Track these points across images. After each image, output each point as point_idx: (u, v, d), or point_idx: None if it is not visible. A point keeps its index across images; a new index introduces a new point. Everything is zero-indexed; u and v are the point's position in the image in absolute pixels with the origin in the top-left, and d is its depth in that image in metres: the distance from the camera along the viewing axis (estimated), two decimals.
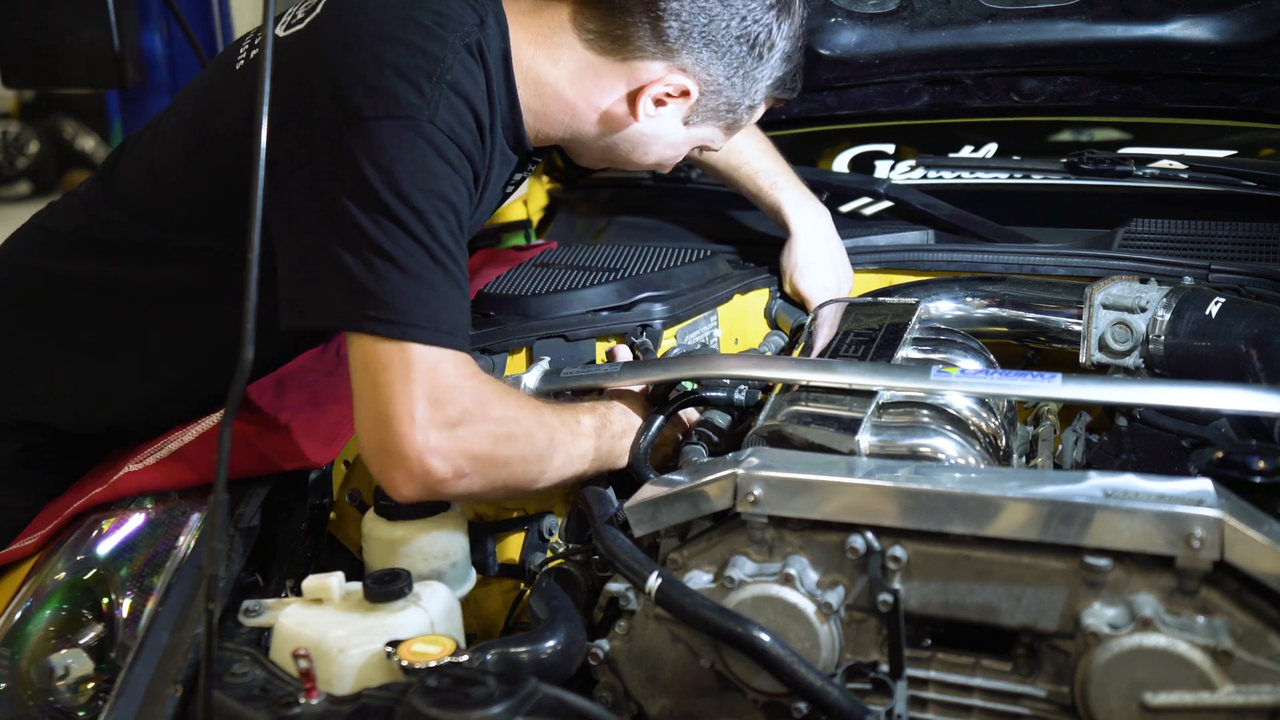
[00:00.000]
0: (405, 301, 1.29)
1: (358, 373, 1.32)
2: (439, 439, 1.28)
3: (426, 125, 1.35)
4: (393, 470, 1.29)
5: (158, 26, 3.57)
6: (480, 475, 1.33)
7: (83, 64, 3.00)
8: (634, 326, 1.77)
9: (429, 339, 1.29)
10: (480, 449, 1.32)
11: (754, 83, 1.60)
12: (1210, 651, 1.05)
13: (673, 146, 1.67)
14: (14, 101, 9.40)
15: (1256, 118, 2.15)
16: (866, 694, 1.18)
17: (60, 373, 1.64)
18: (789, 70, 1.64)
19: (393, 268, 1.30)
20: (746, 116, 1.66)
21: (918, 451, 1.34)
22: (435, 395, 1.28)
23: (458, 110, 1.40)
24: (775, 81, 1.63)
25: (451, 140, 1.38)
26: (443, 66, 1.39)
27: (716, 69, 1.55)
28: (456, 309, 1.34)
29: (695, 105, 1.59)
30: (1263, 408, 1.30)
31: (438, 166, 1.36)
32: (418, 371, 1.28)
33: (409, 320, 1.29)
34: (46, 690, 1.32)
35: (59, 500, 1.57)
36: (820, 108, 2.38)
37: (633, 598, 1.26)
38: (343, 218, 1.31)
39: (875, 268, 2.01)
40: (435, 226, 1.33)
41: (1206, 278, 1.74)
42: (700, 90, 1.57)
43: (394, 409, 1.27)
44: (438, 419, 1.28)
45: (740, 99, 1.61)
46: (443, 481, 1.29)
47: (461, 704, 1.00)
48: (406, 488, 1.30)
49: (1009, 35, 2.15)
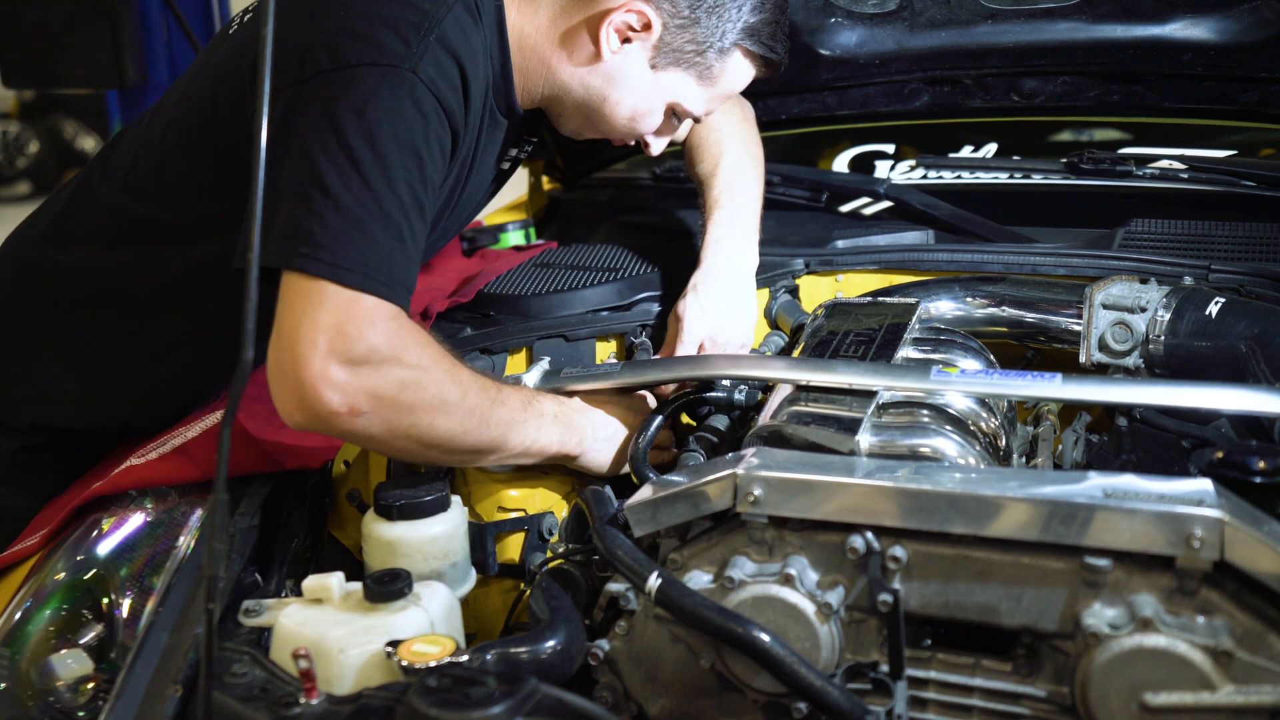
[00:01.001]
0: (338, 242, 1.29)
1: (280, 306, 1.31)
2: (337, 372, 1.26)
3: (407, 74, 1.36)
4: (285, 394, 1.28)
5: (158, 26, 3.57)
6: (379, 418, 1.30)
7: (83, 64, 3.00)
8: (634, 326, 1.77)
9: (351, 280, 1.28)
10: (382, 390, 1.29)
11: (721, 21, 1.57)
12: (1210, 652, 1.05)
13: (644, 96, 1.62)
14: (14, 101, 9.41)
15: (1256, 118, 2.14)
16: (866, 694, 1.18)
17: (60, 369, 1.64)
18: (763, 20, 1.61)
19: (334, 209, 1.30)
20: (718, 64, 1.61)
21: (918, 451, 1.34)
22: (344, 329, 1.27)
23: (442, 65, 1.40)
24: (747, 27, 1.60)
25: (431, 93, 1.38)
26: (432, 20, 1.40)
27: (680, 2, 1.54)
28: (392, 258, 1.32)
29: (660, 43, 1.57)
30: (1263, 408, 1.30)
31: (411, 116, 1.36)
32: (330, 303, 1.27)
33: (337, 261, 1.28)
34: (46, 690, 1.32)
35: (60, 498, 1.57)
36: (820, 108, 2.38)
37: (633, 598, 1.26)
38: (304, 158, 1.32)
39: (875, 268, 2.01)
40: (394, 175, 1.33)
41: (1206, 278, 1.74)
42: (663, 24, 1.55)
43: (298, 335, 1.27)
44: (340, 352, 1.27)
45: (707, 39, 1.58)
46: (335, 414, 1.28)
47: (461, 704, 1.00)
48: (298, 414, 1.29)
49: (1009, 35, 2.14)
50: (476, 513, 1.56)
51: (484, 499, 1.57)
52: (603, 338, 1.77)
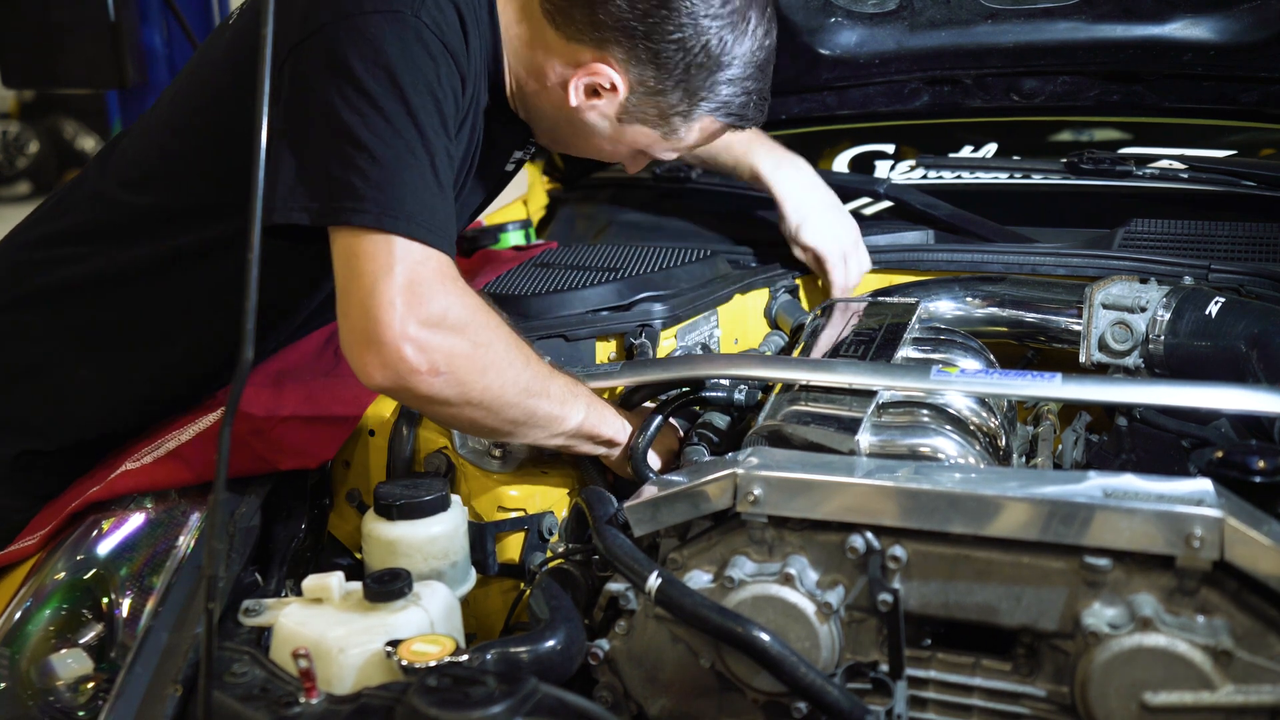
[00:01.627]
0: (381, 191, 1.29)
1: (340, 265, 1.31)
2: (417, 331, 1.28)
3: (412, 19, 1.36)
4: (368, 355, 1.29)
5: (158, 26, 3.57)
6: (455, 378, 1.31)
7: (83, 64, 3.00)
8: (634, 326, 1.77)
9: (409, 231, 1.30)
10: (459, 348, 1.31)
11: (689, 96, 1.53)
12: (1210, 651, 1.05)
13: (608, 142, 1.62)
14: (14, 101, 9.41)
15: (1256, 118, 2.14)
16: (866, 694, 1.18)
17: (62, 367, 1.63)
18: (735, 94, 1.55)
19: (370, 159, 1.30)
20: (684, 131, 1.59)
21: (918, 451, 1.34)
22: (417, 289, 1.29)
23: (444, 9, 1.40)
24: (717, 103, 1.55)
25: (437, 36, 1.38)
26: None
27: (647, 71, 1.50)
28: (433, 204, 1.33)
29: (624, 104, 1.54)
30: (1263, 408, 1.30)
31: (423, 60, 1.36)
32: (400, 264, 1.29)
33: (384, 210, 1.29)
34: (46, 690, 1.32)
35: (57, 500, 1.57)
36: (820, 108, 2.38)
37: (633, 598, 1.26)
38: (326, 112, 1.32)
39: (875, 268, 2.01)
40: (419, 118, 1.34)
41: (1206, 278, 1.74)
42: (629, 89, 1.52)
43: (375, 298, 1.27)
44: (419, 313, 1.28)
45: (674, 109, 1.55)
46: (416, 373, 1.28)
47: (461, 704, 1.00)
48: (380, 374, 1.29)
49: (1009, 35, 2.14)
50: (476, 512, 1.56)
51: (484, 499, 1.57)
52: (603, 338, 1.77)
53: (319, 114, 1.33)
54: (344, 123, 1.31)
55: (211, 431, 1.51)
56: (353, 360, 1.31)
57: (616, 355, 1.78)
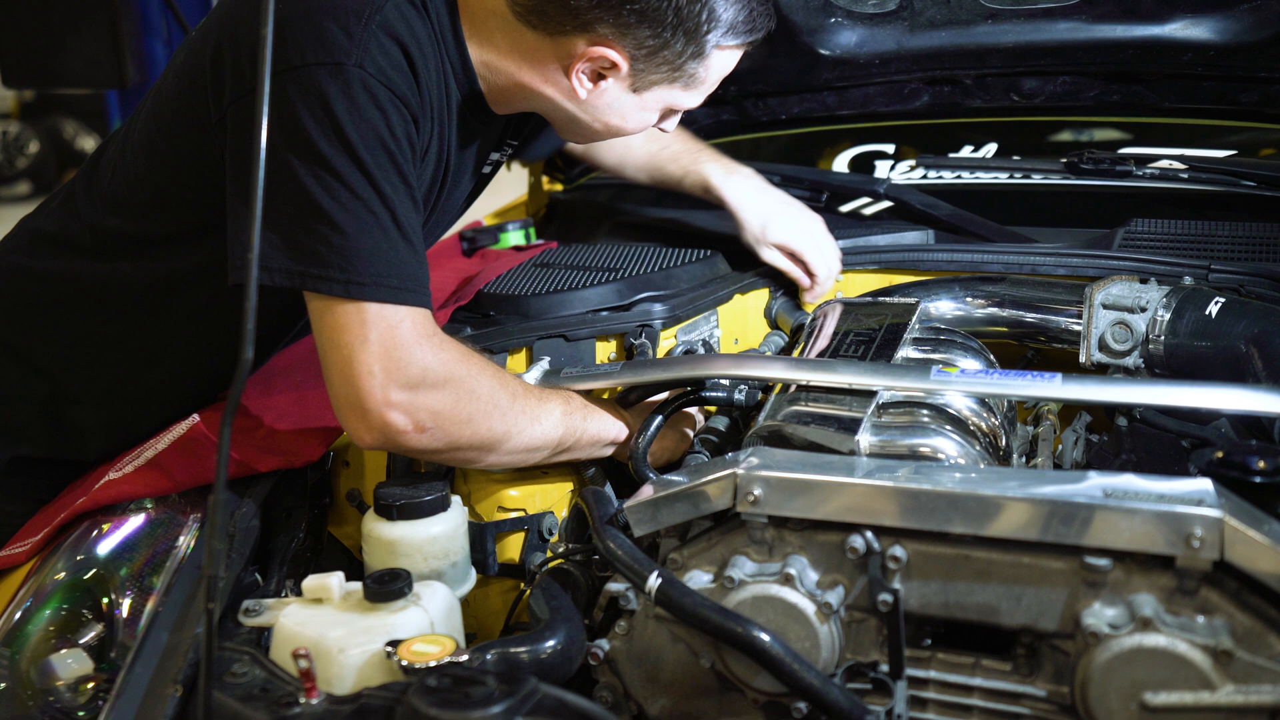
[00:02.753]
0: (349, 260, 1.30)
1: (317, 330, 1.34)
2: (400, 396, 1.31)
3: (355, 70, 1.33)
4: (355, 421, 1.34)
5: (158, 26, 3.57)
6: (443, 431, 1.35)
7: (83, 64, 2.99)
8: (634, 326, 1.77)
9: (378, 296, 1.31)
10: (442, 406, 1.34)
11: (696, 34, 1.46)
12: (1210, 651, 1.05)
13: (634, 116, 1.58)
14: (14, 101, 9.42)
15: (1256, 118, 2.15)
16: (866, 694, 1.18)
17: (51, 380, 1.62)
18: (739, 11, 1.48)
19: (331, 227, 1.30)
20: (702, 70, 1.52)
21: (918, 451, 1.34)
22: (394, 354, 1.31)
23: (388, 51, 1.37)
24: (723, 27, 1.48)
25: (383, 84, 1.35)
26: (373, 6, 1.37)
27: (641, 32, 1.43)
28: (400, 260, 1.33)
29: (634, 73, 1.49)
30: (1263, 408, 1.30)
31: (370, 112, 1.34)
32: (374, 330, 1.31)
33: (355, 279, 1.30)
34: (46, 690, 1.32)
35: (46, 509, 1.57)
36: (820, 108, 2.38)
37: (633, 598, 1.26)
38: (283, 173, 1.31)
39: (875, 268, 2.01)
40: (373, 174, 1.33)
41: (1206, 278, 1.74)
42: (630, 59, 1.47)
43: (355, 368, 1.31)
44: (398, 378, 1.31)
45: (683, 56, 1.48)
46: (403, 434, 1.34)
47: (461, 704, 1.00)
48: (369, 437, 1.35)
49: (1009, 35, 2.14)
50: (476, 513, 1.56)
51: (484, 499, 1.57)
52: (603, 338, 1.77)
53: (274, 174, 1.31)
54: (302, 187, 1.31)
55: (187, 438, 1.50)
56: (342, 422, 1.36)
57: (616, 355, 1.78)
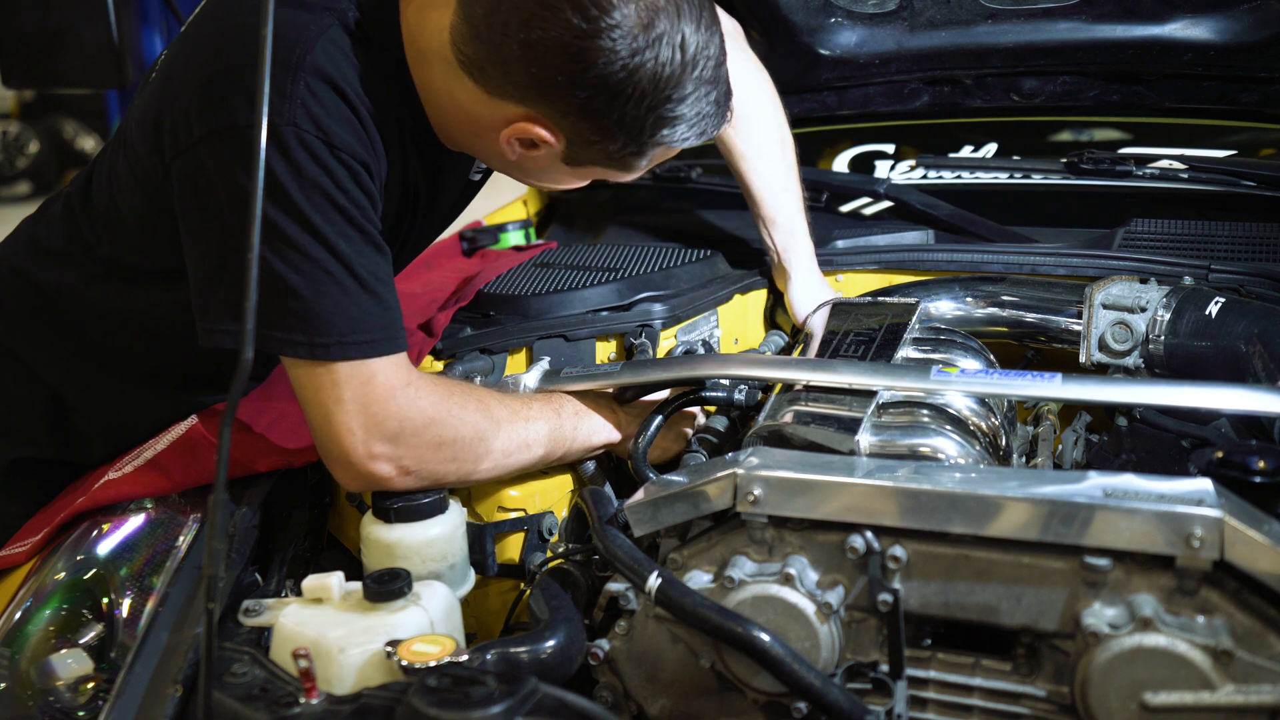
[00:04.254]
0: (309, 323, 1.30)
1: (295, 387, 1.36)
2: (382, 448, 1.34)
3: (289, 129, 1.28)
4: (341, 474, 1.38)
5: (158, 26, 3.57)
6: (427, 471, 1.38)
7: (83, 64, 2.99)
8: (634, 326, 1.77)
9: (345, 354, 1.31)
10: (423, 451, 1.37)
11: (638, 137, 1.34)
12: (1210, 651, 1.05)
13: (564, 179, 1.49)
14: (14, 101, 9.41)
15: (1256, 118, 2.15)
16: (866, 694, 1.18)
17: (53, 384, 1.62)
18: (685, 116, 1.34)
19: (287, 290, 1.29)
20: (641, 163, 1.42)
21: (918, 451, 1.34)
22: (370, 410, 1.32)
23: (323, 99, 1.31)
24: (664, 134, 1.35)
25: (320, 138, 1.30)
26: (302, 48, 1.31)
27: (582, 124, 1.33)
28: (362, 313, 1.32)
29: (566, 153, 1.39)
30: (1263, 408, 1.30)
31: (310, 169, 1.29)
32: (346, 388, 1.32)
33: (314, 340, 1.30)
34: (46, 690, 1.32)
35: (46, 509, 1.57)
36: (820, 108, 2.38)
37: (633, 598, 1.26)
38: (229, 235, 1.30)
39: (875, 268, 2.01)
40: (323, 232, 1.29)
41: (1206, 278, 1.74)
42: (567, 142, 1.36)
43: (334, 428, 1.33)
44: (378, 433, 1.33)
45: (620, 152, 1.37)
46: (388, 480, 1.37)
47: (461, 704, 1.00)
48: (357, 486, 1.39)
49: (1009, 35, 2.15)
50: (476, 513, 1.56)
51: (484, 499, 1.57)
52: (603, 338, 1.77)
53: (224, 237, 1.30)
54: None
55: (186, 439, 1.50)
56: (330, 469, 1.39)
57: (616, 355, 1.79)
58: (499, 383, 1.64)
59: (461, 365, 1.68)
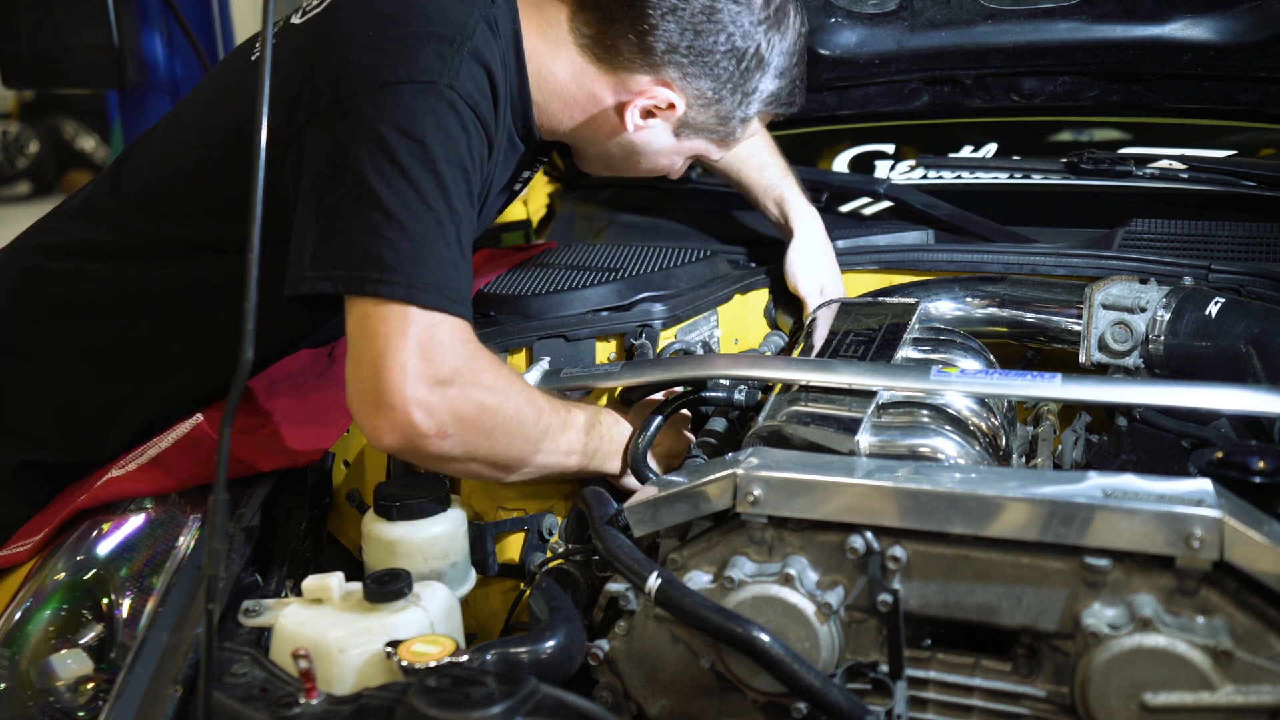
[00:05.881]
0: (410, 264, 1.30)
1: (354, 331, 1.32)
2: (427, 393, 1.28)
3: (447, 90, 1.37)
4: (378, 418, 1.29)
5: (158, 26, 3.57)
6: (462, 439, 1.32)
7: (83, 64, 3.00)
8: (634, 326, 1.77)
9: (428, 301, 1.30)
10: (467, 411, 1.32)
11: (744, 98, 1.60)
12: (1210, 651, 1.05)
13: (666, 157, 1.69)
14: (14, 101, 9.41)
15: (1256, 118, 2.15)
16: (866, 694, 1.18)
17: (72, 377, 1.62)
18: (784, 86, 1.64)
19: (400, 231, 1.31)
20: (740, 130, 1.66)
21: (917, 451, 1.34)
22: (428, 351, 1.29)
23: (477, 78, 1.42)
24: (769, 96, 1.63)
25: (470, 107, 1.39)
26: (465, 33, 1.41)
27: (704, 84, 1.56)
28: (459, 275, 1.35)
29: (683, 119, 1.60)
30: (1263, 408, 1.30)
31: (456, 132, 1.37)
32: (414, 327, 1.29)
33: (411, 282, 1.30)
34: (46, 690, 1.32)
35: (49, 508, 1.57)
36: (820, 108, 2.38)
37: (632, 598, 1.26)
38: (358, 181, 1.32)
39: (875, 268, 2.01)
40: (450, 190, 1.35)
41: (1206, 278, 1.74)
42: (687, 104, 1.58)
43: (386, 360, 1.28)
44: (428, 373, 1.28)
45: (731, 113, 1.62)
46: (424, 436, 1.29)
47: (461, 704, 1.00)
48: (389, 437, 1.30)
49: (1009, 35, 2.15)
50: (477, 513, 1.56)
51: (484, 499, 1.57)
52: (603, 338, 1.77)
53: (350, 182, 1.32)
54: (376, 194, 1.31)
55: (190, 437, 1.50)
56: (361, 421, 1.32)
57: (616, 355, 1.79)
58: None
59: None
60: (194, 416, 1.52)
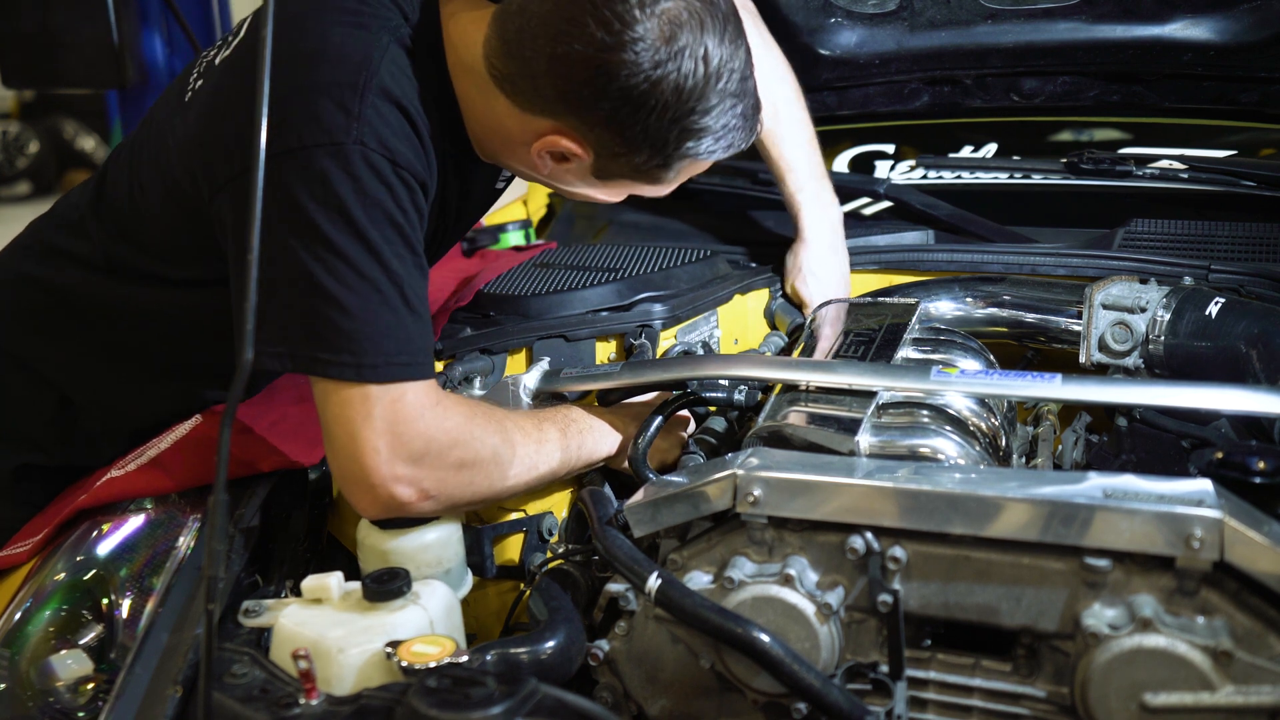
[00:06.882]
0: (355, 342, 1.28)
1: (321, 408, 1.32)
2: (404, 469, 1.30)
3: (356, 148, 1.29)
4: (361, 497, 1.33)
5: (158, 26, 3.56)
6: (446, 495, 1.35)
7: (83, 64, 3.00)
8: (634, 326, 1.77)
9: (382, 376, 1.29)
10: (444, 474, 1.34)
11: (663, 150, 1.37)
12: (1210, 652, 1.05)
13: (601, 193, 1.52)
14: (14, 101, 9.40)
15: (1256, 118, 2.14)
16: (866, 694, 1.18)
17: (62, 390, 1.62)
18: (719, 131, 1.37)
19: (339, 309, 1.28)
20: (668, 175, 1.44)
21: (917, 452, 1.34)
22: (396, 428, 1.30)
23: (390, 119, 1.33)
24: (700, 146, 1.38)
25: (386, 158, 1.31)
26: (368, 70, 1.33)
27: (605, 136, 1.36)
28: (409, 335, 1.31)
29: (594, 166, 1.42)
30: (1263, 408, 1.30)
31: (375, 189, 1.30)
32: (378, 406, 1.29)
33: (360, 361, 1.28)
34: (46, 690, 1.32)
35: (49, 507, 1.56)
36: (820, 108, 2.38)
37: (632, 598, 1.26)
38: (288, 260, 1.29)
39: (875, 268, 2.01)
40: (383, 252, 1.30)
41: (1206, 278, 1.74)
42: (595, 154, 1.39)
43: (358, 445, 1.29)
44: (401, 453, 1.30)
45: (648, 165, 1.40)
46: (409, 504, 1.33)
47: (461, 704, 1.00)
48: (374, 510, 1.34)
49: (1009, 35, 2.14)
50: (476, 514, 1.56)
51: None
52: (603, 338, 1.77)
53: (278, 256, 1.29)
54: (307, 271, 1.27)
55: (189, 438, 1.50)
56: (346, 495, 1.35)
57: (616, 355, 1.79)
58: (499, 383, 1.64)
59: (461, 365, 1.67)
60: (194, 417, 1.52)
